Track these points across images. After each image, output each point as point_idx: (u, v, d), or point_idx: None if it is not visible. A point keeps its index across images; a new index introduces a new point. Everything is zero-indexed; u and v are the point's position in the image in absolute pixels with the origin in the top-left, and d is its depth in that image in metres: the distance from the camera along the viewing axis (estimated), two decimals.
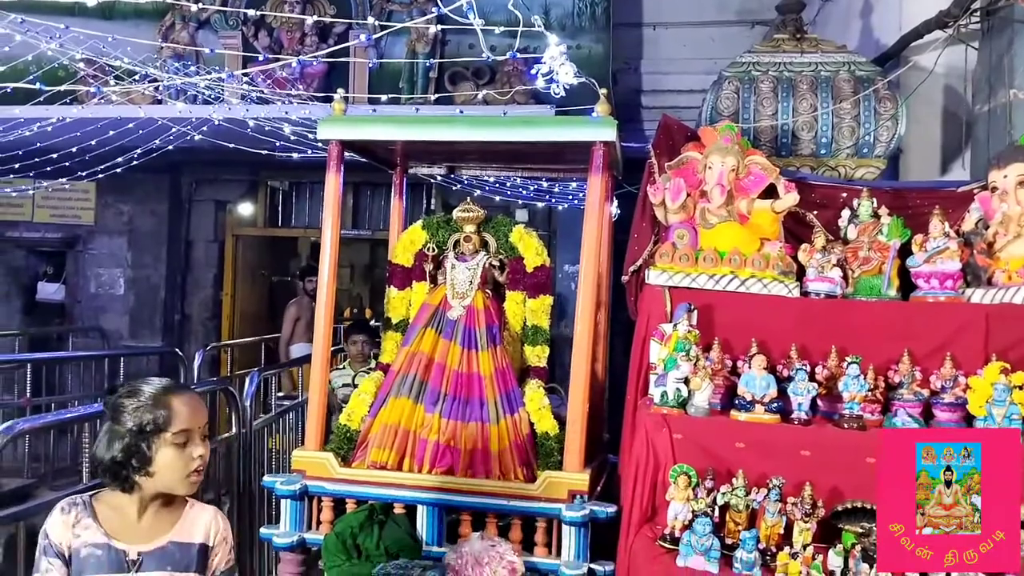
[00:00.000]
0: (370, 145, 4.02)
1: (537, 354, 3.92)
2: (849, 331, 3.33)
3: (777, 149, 4.15)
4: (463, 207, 3.94)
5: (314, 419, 3.69)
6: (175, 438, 2.01)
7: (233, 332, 9.17)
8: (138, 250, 9.03)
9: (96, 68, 6.14)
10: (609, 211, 4.21)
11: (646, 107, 7.96)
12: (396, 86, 7.10)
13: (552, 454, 3.47)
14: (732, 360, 3.41)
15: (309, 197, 9.18)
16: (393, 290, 4.08)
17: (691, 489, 2.93)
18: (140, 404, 2.01)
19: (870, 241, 3.50)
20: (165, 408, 2.02)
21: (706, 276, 3.48)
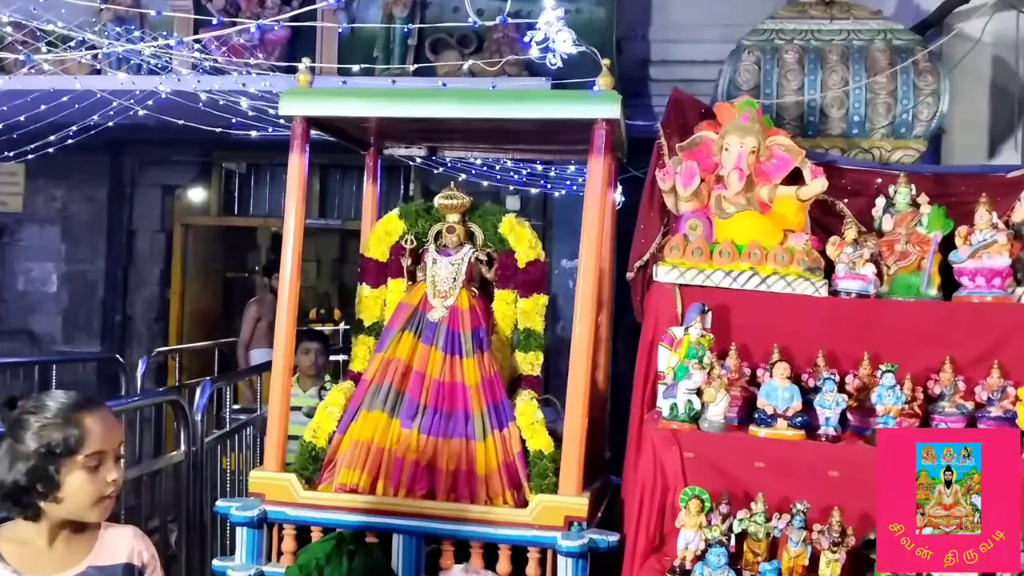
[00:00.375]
0: (340, 122, 4.00)
1: (530, 361, 3.92)
2: (884, 335, 3.35)
3: (803, 128, 4.17)
4: (446, 193, 3.93)
5: (275, 435, 3.69)
6: (87, 461, 1.99)
7: (182, 336, 9.14)
8: (73, 241, 8.98)
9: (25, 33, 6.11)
10: (612, 198, 4.22)
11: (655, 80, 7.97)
12: (370, 55, 7.08)
13: (546, 475, 3.47)
14: (751, 368, 3.42)
15: (270, 181, 9.16)
16: (366, 288, 4.07)
17: (704, 515, 2.94)
18: (47, 422, 1.98)
19: (908, 233, 3.51)
20: (76, 427, 1.99)
21: (722, 273, 3.49)
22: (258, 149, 7.71)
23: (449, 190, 3.96)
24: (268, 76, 6.20)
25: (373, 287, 4.06)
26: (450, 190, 3.96)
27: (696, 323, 3.28)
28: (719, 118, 3.77)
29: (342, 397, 3.81)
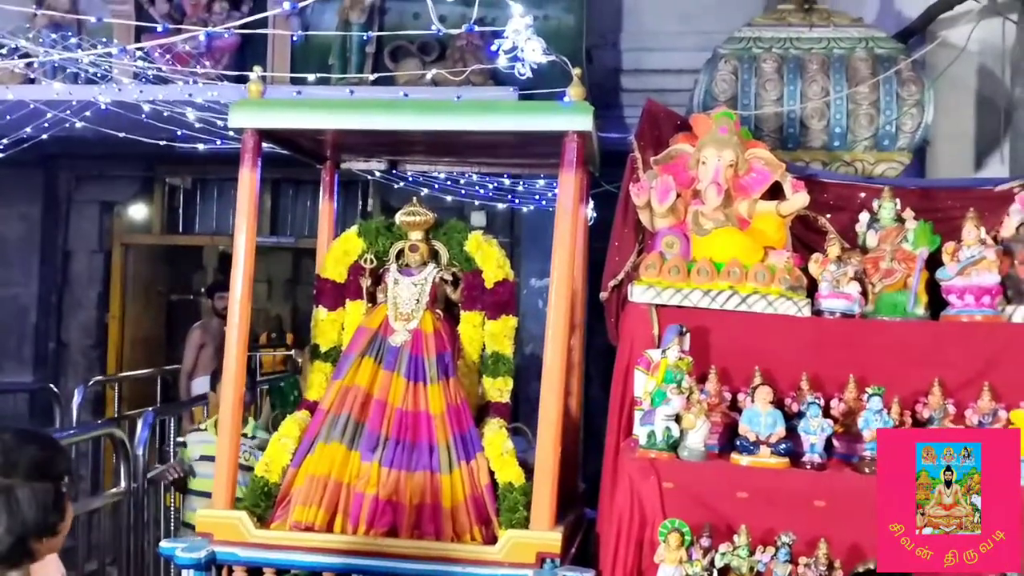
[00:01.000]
0: (294, 135, 4.00)
1: (498, 387, 3.91)
2: (870, 357, 3.39)
3: (783, 141, 4.23)
4: (408, 209, 3.93)
5: (224, 470, 3.64)
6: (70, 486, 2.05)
7: (122, 363, 9.03)
8: (3, 263, 8.86)
9: None
10: (584, 214, 4.24)
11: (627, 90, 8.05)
12: (325, 63, 7.08)
13: (517, 509, 3.46)
14: (732, 393, 3.44)
15: (217, 197, 9.11)
16: (322, 311, 4.05)
17: (684, 549, 2.95)
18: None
19: (893, 250, 3.57)
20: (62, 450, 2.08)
21: (700, 292, 3.52)
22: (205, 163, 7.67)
23: (411, 206, 3.96)
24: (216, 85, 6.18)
25: (330, 310, 4.04)
26: (412, 206, 3.96)
27: (674, 345, 3.30)
28: (695, 130, 3.81)
29: (296, 428, 3.77)
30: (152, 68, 6.23)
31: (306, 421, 3.80)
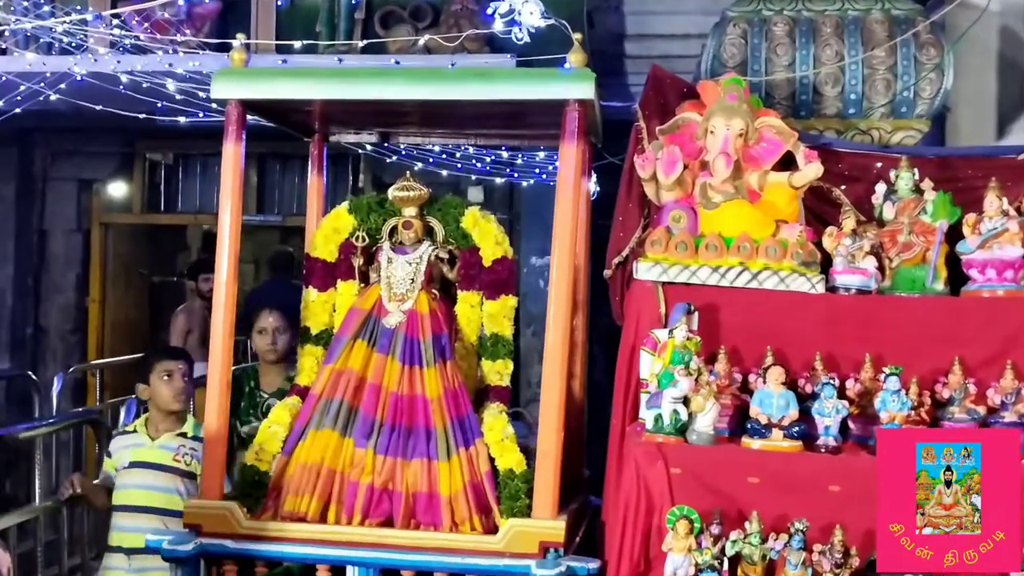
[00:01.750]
0: (280, 106, 3.99)
1: (498, 370, 3.93)
2: (887, 335, 3.40)
3: (795, 108, 4.22)
4: (401, 184, 3.93)
5: (212, 459, 3.67)
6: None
7: (103, 349, 9.04)
8: None
9: None
10: (587, 188, 4.24)
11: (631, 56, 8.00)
12: (312, 30, 7.04)
13: (518, 497, 3.48)
14: (743, 374, 3.46)
15: (201, 174, 9.09)
16: (312, 292, 4.06)
17: (693, 537, 2.96)
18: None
19: (911, 222, 3.57)
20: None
21: (709, 269, 3.52)
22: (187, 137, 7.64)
23: (404, 181, 3.95)
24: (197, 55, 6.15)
25: (321, 291, 4.05)
26: (406, 181, 3.95)
27: (681, 325, 3.31)
28: (703, 98, 3.80)
29: (287, 415, 3.79)
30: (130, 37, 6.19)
31: (297, 407, 3.82)
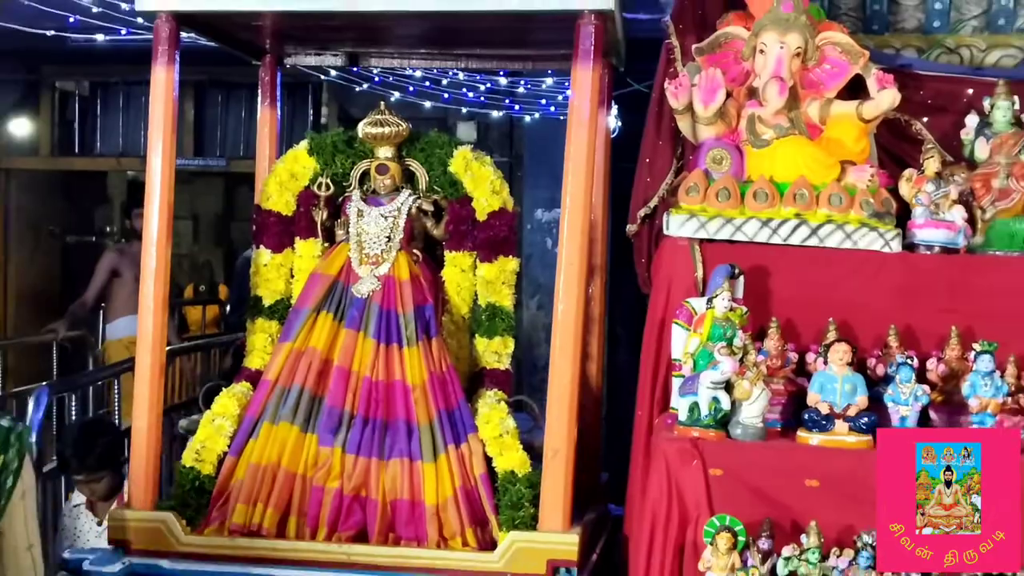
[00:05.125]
0: (221, 19, 3.99)
1: (495, 350, 3.95)
2: (978, 304, 3.42)
3: (866, 22, 4.22)
4: (374, 118, 3.94)
5: (142, 459, 3.69)
6: None
7: (6, 325, 9.07)
8: None
9: None
10: (605, 123, 4.24)
11: None
12: None
13: (521, 505, 3.51)
14: (799, 352, 3.48)
15: (124, 107, 9.10)
16: (265, 253, 4.08)
17: (738, 553, 2.98)
18: None
19: (1010, 163, 3.58)
20: None
21: (758, 222, 3.54)
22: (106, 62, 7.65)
23: (378, 113, 3.96)
24: None
25: (275, 251, 4.07)
26: (380, 114, 3.95)
27: (723, 292, 3.32)
28: (751, 8, 3.80)
29: (234, 405, 3.81)
30: None
31: (246, 396, 3.84)
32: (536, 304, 6.77)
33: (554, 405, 3.52)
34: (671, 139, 3.90)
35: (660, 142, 3.93)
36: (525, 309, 4.25)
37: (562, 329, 3.53)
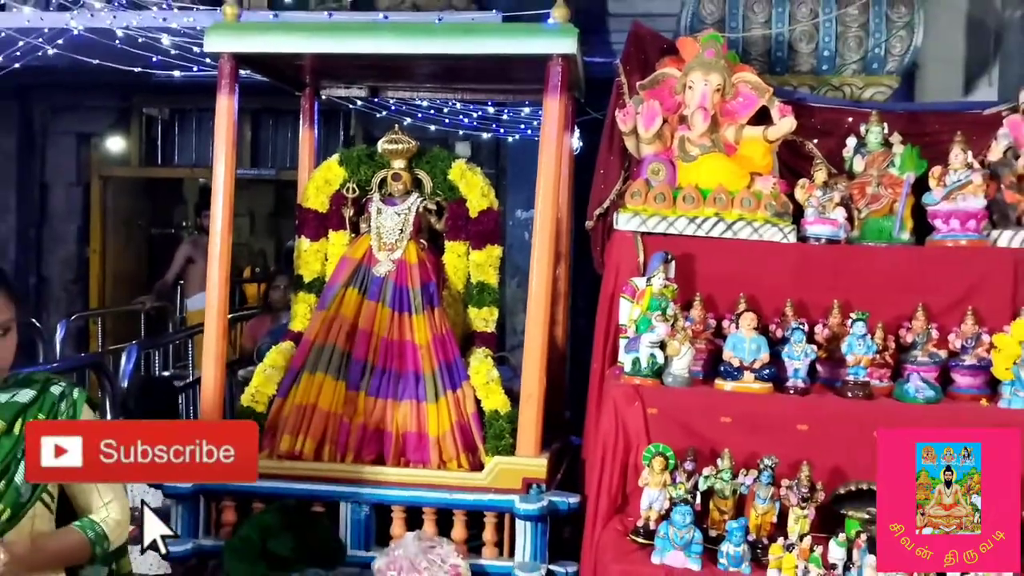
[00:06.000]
0: (272, 60, 3.96)
1: (484, 317, 3.95)
2: (854, 282, 3.41)
3: (771, 65, 4.20)
4: (390, 137, 3.92)
5: (210, 400, 3.68)
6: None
7: (104, 298, 9.01)
8: None
9: None
10: (569, 142, 4.23)
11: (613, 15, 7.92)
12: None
13: (503, 436, 3.52)
14: (716, 319, 3.47)
15: (196, 128, 9.00)
16: (305, 241, 4.06)
17: (668, 473, 2.99)
18: None
19: (880, 175, 3.57)
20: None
21: (686, 219, 3.52)
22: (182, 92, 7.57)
23: (393, 134, 3.94)
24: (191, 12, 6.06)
25: (313, 240, 4.06)
26: (395, 134, 3.94)
27: (659, 273, 3.31)
28: (682, 54, 3.77)
29: (282, 359, 3.81)
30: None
31: (291, 352, 3.83)
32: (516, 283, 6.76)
33: (528, 360, 3.53)
34: (620, 155, 3.88)
35: (611, 157, 3.92)
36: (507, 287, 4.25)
37: (535, 302, 3.54)
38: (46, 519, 2.27)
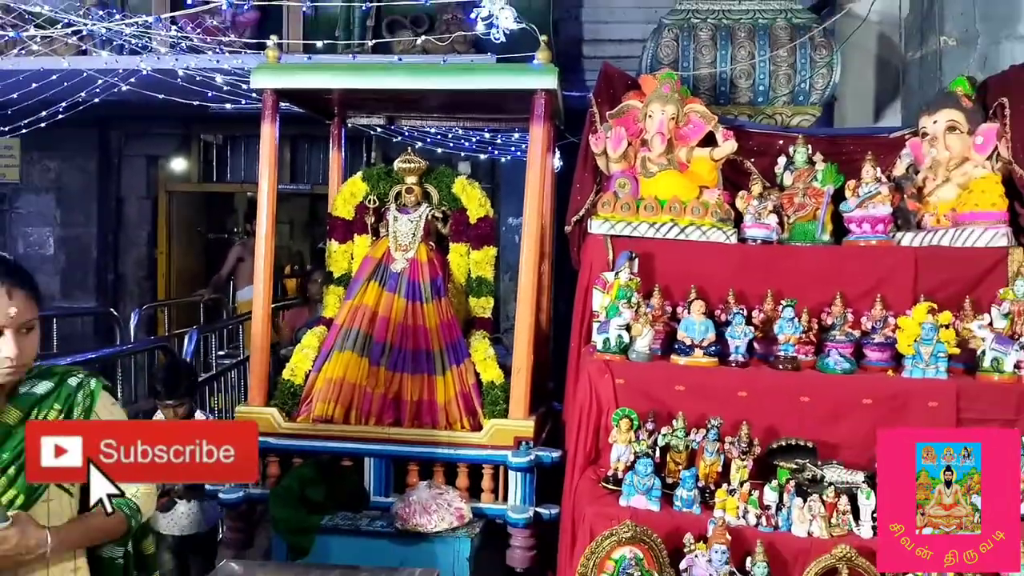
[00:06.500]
0: (306, 94, 3.94)
1: (482, 305, 3.94)
2: (784, 275, 3.41)
3: (716, 97, 4.19)
4: (404, 157, 3.91)
5: (257, 374, 3.67)
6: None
7: (170, 291, 8.98)
8: (67, 208, 8.72)
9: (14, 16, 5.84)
10: (551, 161, 4.21)
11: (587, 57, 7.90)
12: (332, 34, 6.91)
13: (498, 403, 3.51)
14: (672, 306, 3.47)
15: (244, 151, 8.97)
16: (334, 243, 4.04)
17: (633, 432, 3.00)
18: None
19: (805, 187, 3.57)
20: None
21: (647, 224, 3.52)
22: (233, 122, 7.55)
23: (407, 155, 3.93)
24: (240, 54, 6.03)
25: (341, 243, 4.04)
26: (408, 155, 3.93)
27: (625, 269, 3.31)
28: (644, 88, 3.76)
29: (316, 340, 3.79)
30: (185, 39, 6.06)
31: (324, 334, 3.82)
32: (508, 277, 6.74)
33: (518, 340, 3.53)
34: (593, 172, 3.86)
35: (586, 174, 3.90)
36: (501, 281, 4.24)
37: (523, 292, 3.54)
38: (65, 501, 1.98)
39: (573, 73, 7.50)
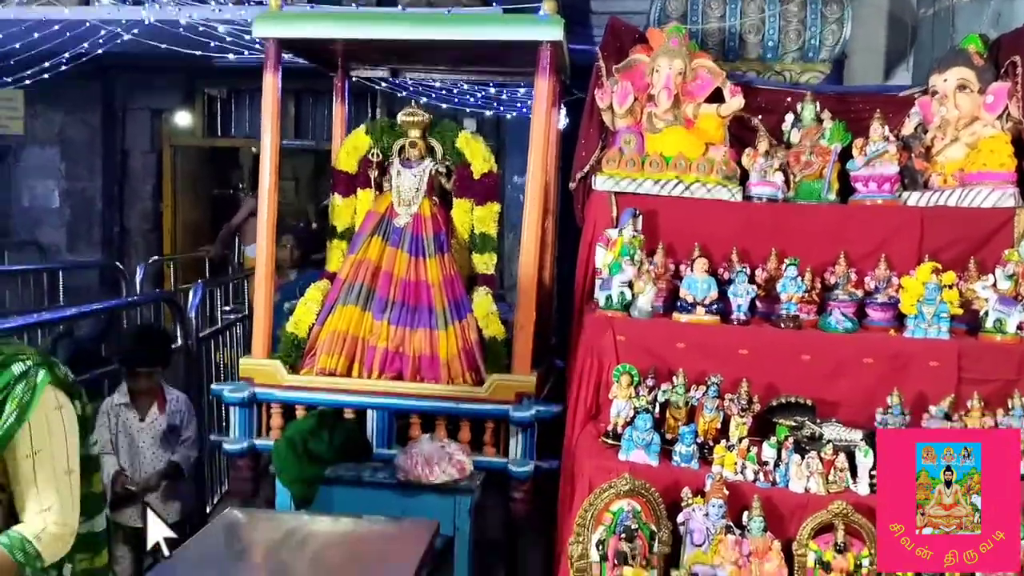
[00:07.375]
0: (309, 44, 3.88)
1: (485, 262, 3.92)
2: (789, 234, 3.38)
3: (724, 53, 4.12)
4: (407, 111, 3.86)
5: (261, 327, 3.68)
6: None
7: (175, 245, 8.98)
8: (72, 161, 8.69)
9: None
10: (556, 117, 4.16)
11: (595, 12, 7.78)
12: None
13: (500, 358, 3.52)
14: (675, 264, 3.45)
15: (249, 105, 8.88)
16: (337, 197, 4.02)
17: (633, 388, 3.00)
18: None
19: (812, 145, 3.52)
20: None
21: (651, 181, 3.48)
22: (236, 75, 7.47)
23: (410, 107, 3.87)
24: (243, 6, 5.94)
25: (344, 197, 4.01)
26: (411, 107, 3.87)
27: (629, 226, 3.29)
28: (651, 43, 3.70)
29: (319, 294, 3.79)
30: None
31: (327, 288, 3.82)
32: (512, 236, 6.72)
33: (521, 297, 3.52)
34: (598, 128, 3.82)
35: (591, 129, 3.86)
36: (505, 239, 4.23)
37: (527, 249, 3.53)
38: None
39: (580, 27, 7.37)
